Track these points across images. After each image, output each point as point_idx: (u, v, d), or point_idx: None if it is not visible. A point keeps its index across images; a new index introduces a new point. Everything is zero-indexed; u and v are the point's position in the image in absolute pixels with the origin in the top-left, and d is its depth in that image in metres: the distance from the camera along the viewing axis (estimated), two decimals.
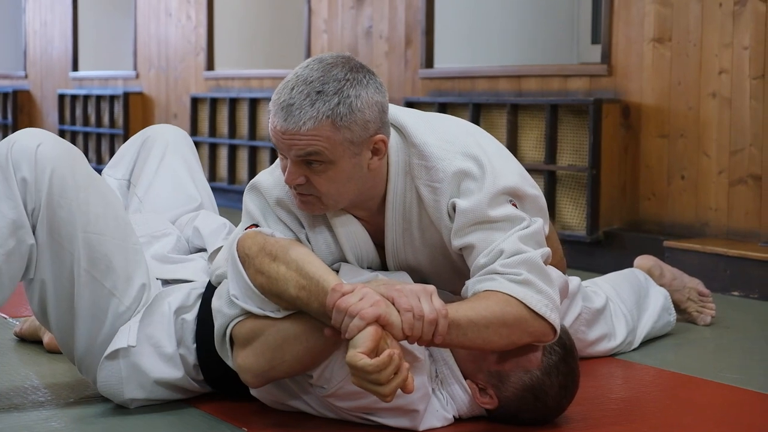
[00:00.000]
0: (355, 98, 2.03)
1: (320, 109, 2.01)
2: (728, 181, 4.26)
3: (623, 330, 2.97)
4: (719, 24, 4.26)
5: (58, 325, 2.35)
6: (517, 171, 2.21)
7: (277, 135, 2.06)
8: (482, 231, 2.11)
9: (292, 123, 2.02)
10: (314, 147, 2.03)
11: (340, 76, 2.04)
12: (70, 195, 2.26)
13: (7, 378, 2.63)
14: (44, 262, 2.27)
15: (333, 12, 6.28)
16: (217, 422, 2.28)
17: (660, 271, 3.28)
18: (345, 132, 2.03)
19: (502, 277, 2.07)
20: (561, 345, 2.21)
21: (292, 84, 2.05)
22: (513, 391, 2.18)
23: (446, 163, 2.14)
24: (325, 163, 2.05)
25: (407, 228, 2.22)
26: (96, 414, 2.34)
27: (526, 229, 2.12)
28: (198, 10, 7.43)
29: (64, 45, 9.13)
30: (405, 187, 2.18)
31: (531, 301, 2.06)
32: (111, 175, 2.80)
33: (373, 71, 2.10)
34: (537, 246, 2.13)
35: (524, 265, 2.08)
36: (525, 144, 4.86)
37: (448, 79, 5.46)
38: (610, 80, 4.67)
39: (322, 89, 2.02)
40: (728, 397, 2.62)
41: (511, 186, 2.15)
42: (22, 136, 2.29)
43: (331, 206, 2.14)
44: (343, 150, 2.05)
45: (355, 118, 2.03)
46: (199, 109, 7.22)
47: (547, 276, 2.11)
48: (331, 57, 2.08)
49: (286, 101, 2.03)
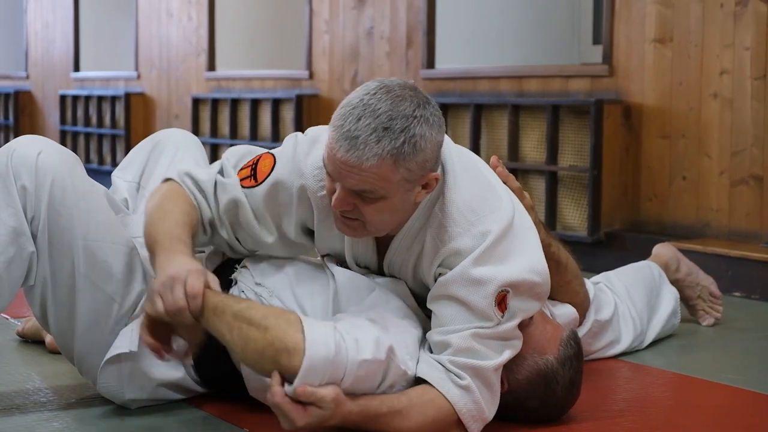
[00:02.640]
0: (420, 138, 2.00)
1: (385, 147, 1.97)
2: (729, 182, 4.26)
3: (630, 335, 2.96)
4: (720, 24, 4.26)
5: (58, 329, 2.35)
6: (526, 264, 2.12)
7: (335, 162, 2.01)
8: (449, 306, 2.11)
9: (355, 156, 1.98)
10: (371, 185, 2.01)
11: (408, 112, 1.99)
12: (71, 203, 2.27)
13: (9, 378, 2.63)
14: (44, 269, 2.28)
15: (334, 12, 6.29)
16: (219, 422, 2.29)
17: (677, 265, 3.26)
18: (403, 171, 2.00)
19: (445, 374, 2.09)
20: (576, 342, 2.26)
21: (359, 113, 1.99)
22: (526, 375, 2.20)
23: (458, 231, 2.12)
24: (377, 197, 2.04)
25: (407, 258, 2.23)
26: (97, 415, 2.34)
27: (487, 329, 2.09)
28: (199, 11, 7.44)
29: (66, 46, 9.14)
30: (421, 225, 2.18)
31: (462, 408, 2.08)
32: (121, 177, 2.80)
33: (435, 104, 2.06)
34: (497, 347, 2.11)
35: (471, 371, 2.09)
36: (526, 145, 4.86)
37: (450, 80, 5.46)
38: (612, 81, 4.67)
39: (390, 125, 1.97)
40: (729, 398, 2.62)
41: (508, 281, 2.09)
42: (22, 144, 2.29)
43: (374, 233, 2.15)
44: (398, 187, 2.03)
45: (416, 158, 2.00)
46: (201, 109, 7.22)
47: (489, 386, 2.11)
48: (398, 87, 2.02)
49: (352, 132, 1.98)
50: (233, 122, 6.86)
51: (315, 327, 2.00)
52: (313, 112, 6.31)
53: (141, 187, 2.77)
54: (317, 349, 1.96)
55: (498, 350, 2.11)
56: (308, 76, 6.46)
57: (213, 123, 7.05)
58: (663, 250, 3.31)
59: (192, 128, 7.18)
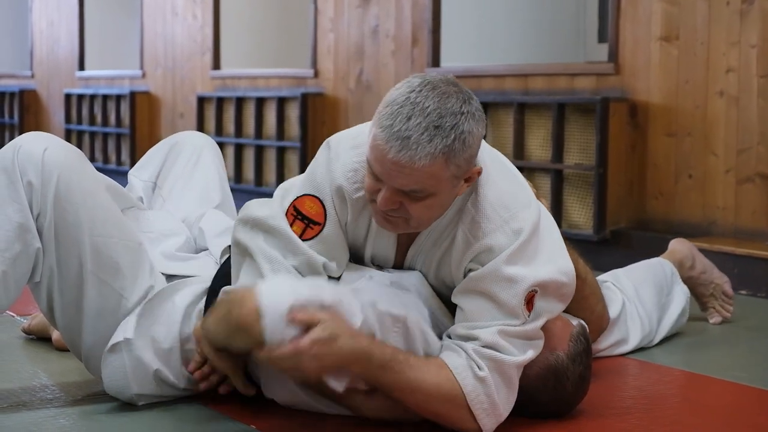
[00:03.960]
0: (468, 134, 1.99)
1: (437, 146, 1.95)
2: (735, 180, 4.25)
3: (637, 335, 2.94)
4: (726, 22, 4.26)
5: (65, 325, 2.36)
6: (555, 265, 2.14)
7: (385, 163, 1.99)
8: (478, 301, 2.11)
9: (407, 157, 1.95)
10: (421, 184, 1.99)
11: (456, 108, 1.98)
12: (77, 199, 2.27)
13: (16, 375, 2.63)
14: (51, 265, 2.28)
15: (339, 11, 6.28)
16: (225, 420, 2.28)
17: (691, 263, 3.24)
18: (453, 168, 2.00)
19: (466, 361, 2.08)
20: (585, 338, 2.27)
21: (408, 112, 1.96)
22: (537, 370, 2.20)
23: (491, 227, 2.12)
24: (426, 194, 2.02)
25: (432, 253, 2.22)
26: (104, 411, 2.34)
27: (514, 327, 2.10)
28: (204, 10, 7.44)
29: (71, 44, 9.15)
30: (451, 221, 2.17)
31: (473, 400, 2.08)
32: (137, 176, 2.80)
33: (476, 97, 2.05)
34: (521, 345, 2.11)
35: (492, 363, 2.08)
36: (532, 143, 4.86)
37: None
38: (617, 79, 4.66)
39: (440, 124, 1.96)
40: (736, 396, 2.62)
41: (538, 281, 2.10)
42: (28, 141, 2.29)
43: (415, 228, 2.13)
44: (447, 183, 2.02)
45: (464, 154, 2.00)
46: (206, 108, 7.23)
47: (508, 382, 2.11)
48: (442, 83, 2.01)
49: (403, 132, 1.95)
50: (238, 121, 6.87)
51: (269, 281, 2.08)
52: (318, 111, 6.31)
53: (157, 186, 2.78)
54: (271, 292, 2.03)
55: (522, 349, 2.12)
56: (313, 74, 6.46)
57: (218, 122, 7.05)
58: (679, 246, 3.28)
59: (197, 127, 7.19)
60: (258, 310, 2.00)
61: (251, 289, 2.06)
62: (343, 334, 2.01)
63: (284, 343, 1.99)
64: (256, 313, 2.00)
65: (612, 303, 2.87)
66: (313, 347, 1.98)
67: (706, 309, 3.35)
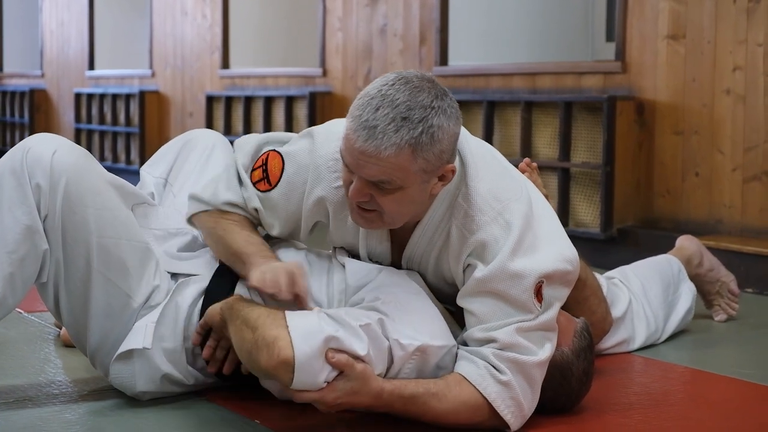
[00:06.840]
0: (438, 128, 2.01)
1: (404, 136, 1.98)
2: (742, 178, 4.25)
3: (643, 334, 2.94)
4: (733, 21, 4.26)
5: (72, 323, 2.37)
6: (557, 253, 2.16)
7: (353, 152, 2.03)
8: (488, 302, 2.13)
9: (373, 146, 1.99)
10: (389, 175, 2.02)
11: (426, 102, 2.01)
12: (85, 201, 2.28)
13: (22, 371, 2.65)
14: (58, 265, 2.29)
15: (348, 10, 6.29)
16: (229, 414, 2.29)
17: (699, 260, 3.23)
18: (421, 161, 2.02)
19: (484, 369, 2.11)
20: (589, 333, 2.29)
21: (377, 103, 2.00)
22: None
23: (485, 220, 2.13)
24: (395, 187, 2.05)
25: (428, 250, 2.24)
26: (109, 407, 2.35)
27: (529, 322, 2.12)
28: (213, 9, 7.46)
29: (81, 44, 9.17)
30: (442, 217, 2.19)
31: (500, 405, 2.11)
32: (149, 172, 2.82)
33: (452, 96, 2.08)
34: (539, 339, 2.14)
35: (514, 365, 2.11)
36: (539, 141, 4.86)
37: (463, 77, 5.47)
38: (625, 77, 4.66)
39: (408, 115, 1.99)
40: (741, 392, 2.62)
41: (543, 272, 2.12)
42: (37, 143, 2.30)
43: (389, 224, 2.15)
44: (415, 177, 2.04)
45: (433, 149, 2.02)
46: (215, 107, 7.24)
47: (531, 382, 2.13)
48: (417, 78, 2.04)
49: (371, 122, 1.99)
50: (247, 120, 6.88)
51: (296, 319, 2.05)
52: (326, 110, 6.32)
53: (168, 183, 2.79)
54: (303, 341, 2.01)
55: (540, 343, 2.14)
56: (322, 73, 6.47)
57: (227, 121, 7.07)
58: (687, 243, 3.28)
59: (206, 126, 7.19)
60: (289, 363, 1.99)
61: (281, 324, 2.04)
62: (365, 392, 2.05)
63: (310, 387, 2.02)
64: (287, 365, 1.99)
65: (618, 300, 2.86)
66: (337, 399, 2.04)
67: (712, 306, 3.34)
